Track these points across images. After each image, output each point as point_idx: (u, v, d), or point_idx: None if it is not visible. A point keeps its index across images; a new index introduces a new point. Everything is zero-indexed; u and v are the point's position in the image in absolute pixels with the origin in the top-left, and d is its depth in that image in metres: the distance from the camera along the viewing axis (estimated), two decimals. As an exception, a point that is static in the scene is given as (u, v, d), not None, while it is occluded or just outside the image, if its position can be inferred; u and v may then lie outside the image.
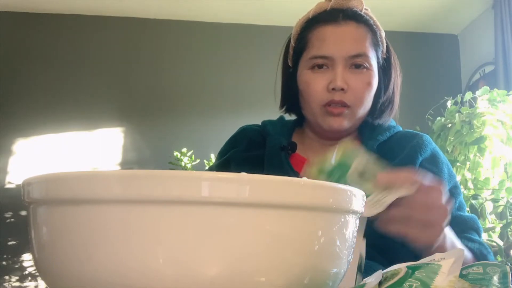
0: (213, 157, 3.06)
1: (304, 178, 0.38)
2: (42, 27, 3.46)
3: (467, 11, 3.55)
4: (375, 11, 0.97)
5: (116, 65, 3.50)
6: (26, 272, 3.11)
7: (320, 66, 0.90)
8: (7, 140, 3.29)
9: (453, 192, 0.90)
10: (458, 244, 0.77)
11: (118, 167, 3.40)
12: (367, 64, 0.91)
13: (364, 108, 0.93)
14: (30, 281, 3.10)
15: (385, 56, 0.97)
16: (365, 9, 0.96)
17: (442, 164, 0.92)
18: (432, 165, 0.91)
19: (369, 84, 0.91)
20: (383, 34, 0.97)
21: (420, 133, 0.97)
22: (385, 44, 0.97)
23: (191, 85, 3.54)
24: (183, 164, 3.02)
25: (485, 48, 3.49)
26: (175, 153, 3.04)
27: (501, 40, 3.20)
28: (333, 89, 0.88)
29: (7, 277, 3.09)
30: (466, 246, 0.82)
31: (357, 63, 0.90)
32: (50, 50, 3.44)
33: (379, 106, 0.96)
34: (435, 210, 0.66)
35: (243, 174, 0.35)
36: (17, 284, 3.09)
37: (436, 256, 0.44)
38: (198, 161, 3.05)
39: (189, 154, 3.05)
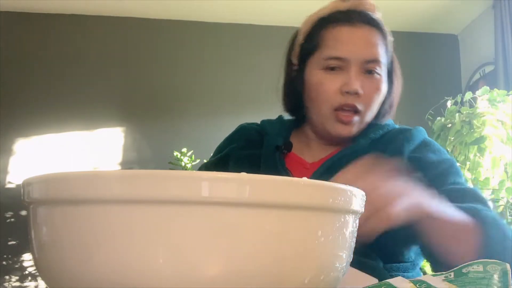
0: (213, 157, 3.05)
1: (304, 178, 0.38)
2: (42, 27, 3.45)
3: (467, 11, 3.54)
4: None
5: (116, 65, 3.49)
6: (26, 272, 3.10)
7: (332, 68, 0.88)
8: (7, 140, 3.29)
9: (449, 171, 0.85)
10: (452, 211, 0.71)
11: (119, 167, 3.39)
12: (379, 70, 0.89)
13: (372, 113, 0.91)
14: (30, 281, 3.10)
15: (390, 60, 0.95)
16: (377, 13, 0.94)
17: (428, 152, 0.89)
18: (418, 153, 0.88)
19: (379, 90, 0.89)
20: (391, 39, 0.95)
21: (411, 127, 0.94)
22: (392, 50, 0.95)
23: (191, 85, 3.54)
24: (183, 164, 3.01)
25: (485, 48, 3.49)
26: (175, 153, 3.04)
27: (501, 40, 3.20)
28: (347, 92, 0.86)
29: (7, 277, 3.09)
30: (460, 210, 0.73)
31: (370, 68, 0.88)
32: (50, 50, 3.44)
33: (381, 111, 0.94)
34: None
35: (243, 174, 0.35)
36: (17, 284, 3.09)
37: None
38: (198, 161, 3.04)
39: (189, 154, 3.04)
